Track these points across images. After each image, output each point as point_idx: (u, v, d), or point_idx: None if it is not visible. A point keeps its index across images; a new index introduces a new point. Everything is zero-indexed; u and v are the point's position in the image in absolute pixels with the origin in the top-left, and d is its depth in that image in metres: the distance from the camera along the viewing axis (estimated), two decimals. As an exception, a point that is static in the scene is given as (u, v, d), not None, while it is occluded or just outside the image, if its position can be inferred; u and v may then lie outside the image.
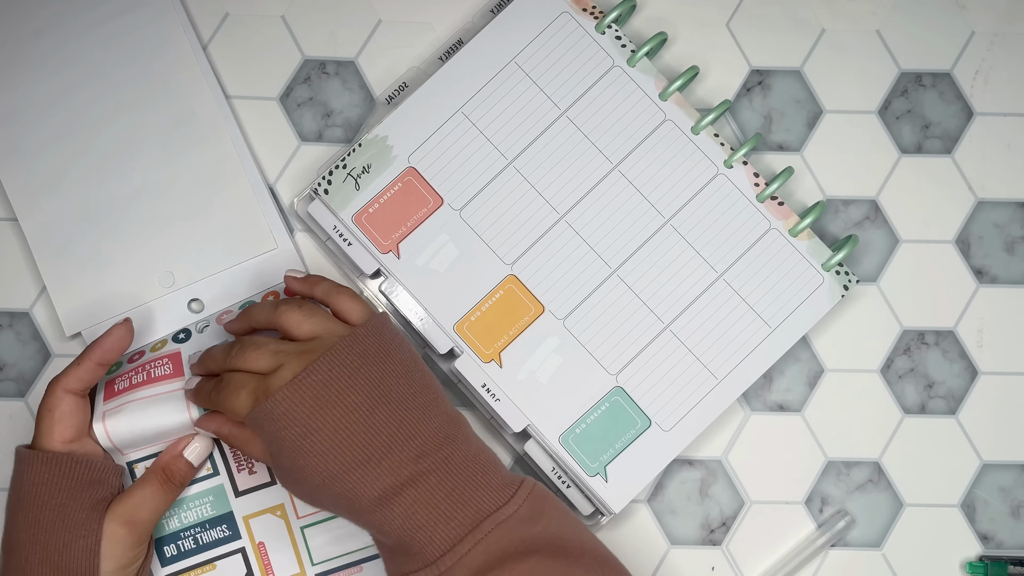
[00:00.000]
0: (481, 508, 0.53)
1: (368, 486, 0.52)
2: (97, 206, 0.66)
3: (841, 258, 0.64)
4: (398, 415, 0.53)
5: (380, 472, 0.52)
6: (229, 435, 0.58)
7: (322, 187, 0.65)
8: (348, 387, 0.53)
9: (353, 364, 0.54)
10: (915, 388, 0.67)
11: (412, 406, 0.54)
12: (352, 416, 0.53)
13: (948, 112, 0.69)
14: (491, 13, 0.68)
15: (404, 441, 0.53)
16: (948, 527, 0.66)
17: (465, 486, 0.53)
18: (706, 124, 0.65)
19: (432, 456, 0.53)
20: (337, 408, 0.53)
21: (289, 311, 0.56)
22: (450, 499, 0.52)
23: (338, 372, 0.53)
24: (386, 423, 0.53)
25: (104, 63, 0.67)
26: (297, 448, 0.53)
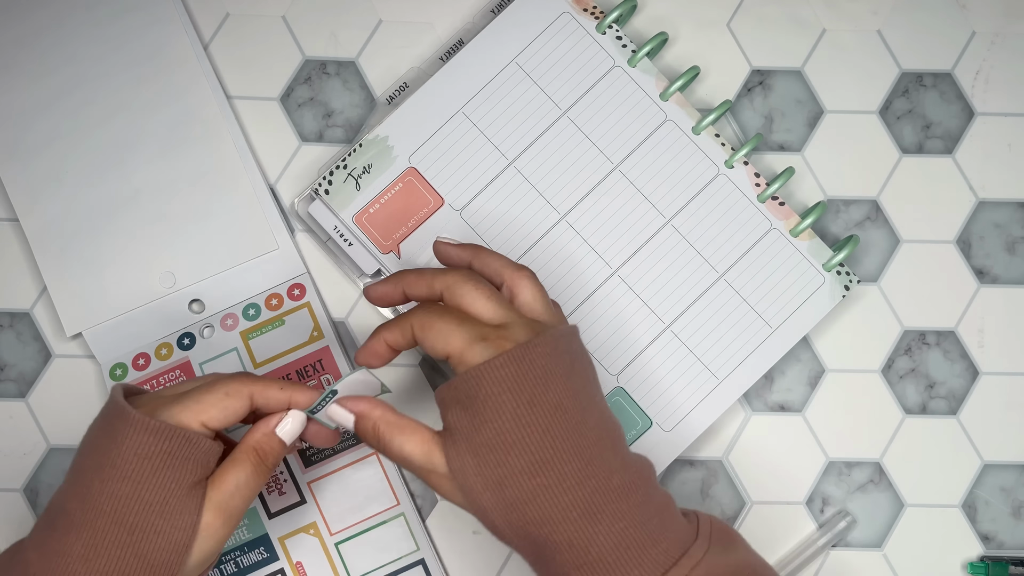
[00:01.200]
0: (684, 536, 0.47)
1: (578, 483, 0.46)
2: (98, 206, 0.66)
3: (842, 258, 0.64)
4: (605, 423, 0.48)
5: (592, 470, 0.46)
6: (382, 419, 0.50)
7: (323, 187, 0.65)
8: (568, 373, 0.48)
9: (572, 352, 0.49)
10: (916, 388, 0.67)
11: (612, 420, 0.49)
12: (572, 402, 0.47)
13: (949, 112, 0.69)
14: (492, 13, 0.68)
15: (612, 448, 0.48)
16: (949, 527, 0.66)
17: (666, 511, 0.48)
18: (707, 124, 0.65)
19: (636, 473, 0.48)
20: (560, 388, 0.47)
21: (468, 285, 0.50)
22: (656, 521, 0.47)
23: (563, 353, 0.48)
24: (597, 424, 0.48)
25: (105, 63, 0.67)
26: (515, 418, 0.46)
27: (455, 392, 0.48)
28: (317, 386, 0.55)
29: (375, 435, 0.50)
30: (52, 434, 0.66)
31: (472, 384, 0.47)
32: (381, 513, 0.65)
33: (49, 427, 0.66)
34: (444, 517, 0.66)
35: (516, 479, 0.46)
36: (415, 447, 0.49)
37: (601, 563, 0.46)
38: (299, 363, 0.65)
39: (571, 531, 0.46)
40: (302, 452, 0.65)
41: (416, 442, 0.49)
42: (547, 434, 0.46)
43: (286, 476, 0.64)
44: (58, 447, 0.66)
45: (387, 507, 0.65)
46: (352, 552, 0.64)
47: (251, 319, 0.65)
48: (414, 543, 0.65)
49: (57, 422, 0.66)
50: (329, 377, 0.65)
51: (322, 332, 0.65)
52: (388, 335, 0.51)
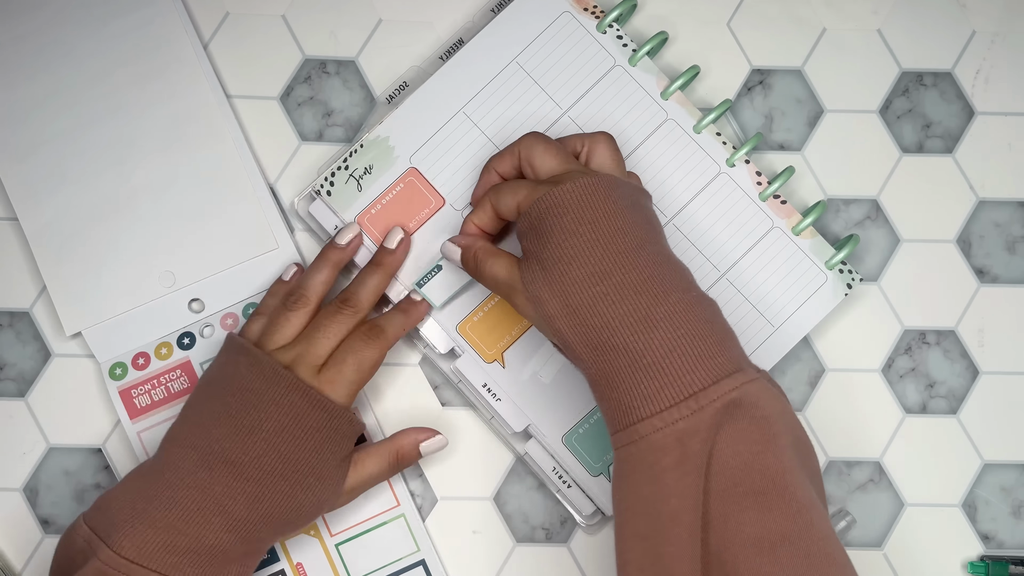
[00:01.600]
0: (737, 361, 0.50)
1: (637, 294, 0.50)
2: (98, 206, 0.66)
3: (844, 256, 0.64)
4: (667, 253, 0.53)
5: (651, 286, 0.51)
6: (482, 248, 0.58)
7: (324, 188, 0.65)
8: (630, 208, 0.53)
9: (634, 196, 0.54)
10: (916, 388, 0.67)
11: (676, 258, 0.54)
12: (632, 228, 0.52)
13: (949, 112, 0.69)
14: (492, 12, 0.68)
15: (674, 273, 0.52)
16: (949, 527, 0.66)
17: (725, 336, 0.51)
18: (708, 123, 0.65)
19: (699, 296, 0.52)
20: (620, 217, 0.52)
21: (539, 146, 0.57)
22: (713, 339, 0.50)
23: (624, 192, 0.54)
24: (658, 252, 0.53)
25: (105, 62, 0.67)
26: (575, 234, 0.52)
27: (528, 220, 0.54)
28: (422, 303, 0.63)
29: (475, 261, 0.58)
30: (51, 433, 0.66)
31: (540, 208, 0.53)
32: (381, 514, 0.65)
33: (48, 426, 0.66)
34: (444, 517, 0.66)
35: (578, 287, 0.51)
36: (502, 268, 0.56)
37: (655, 367, 0.49)
38: (299, 363, 0.65)
39: (627, 336, 0.50)
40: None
41: (503, 264, 0.56)
42: (607, 249, 0.51)
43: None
44: (57, 446, 0.66)
45: (387, 508, 0.65)
46: (352, 553, 0.64)
47: (251, 319, 0.65)
48: (414, 543, 0.65)
49: (56, 421, 0.66)
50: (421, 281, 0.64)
51: None
52: (474, 217, 0.59)
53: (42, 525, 0.65)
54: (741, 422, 0.48)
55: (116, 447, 0.66)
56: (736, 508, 0.47)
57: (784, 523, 0.46)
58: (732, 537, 0.46)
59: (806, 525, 0.47)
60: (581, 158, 0.58)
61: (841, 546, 0.48)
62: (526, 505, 0.66)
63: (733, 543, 0.46)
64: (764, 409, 0.48)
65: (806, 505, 0.47)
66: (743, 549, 0.46)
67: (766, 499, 0.47)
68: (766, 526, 0.46)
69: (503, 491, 0.66)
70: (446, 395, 0.67)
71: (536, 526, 0.66)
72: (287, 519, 0.57)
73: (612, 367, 0.50)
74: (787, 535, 0.46)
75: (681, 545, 0.47)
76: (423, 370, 0.67)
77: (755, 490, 0.47)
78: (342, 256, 0.63)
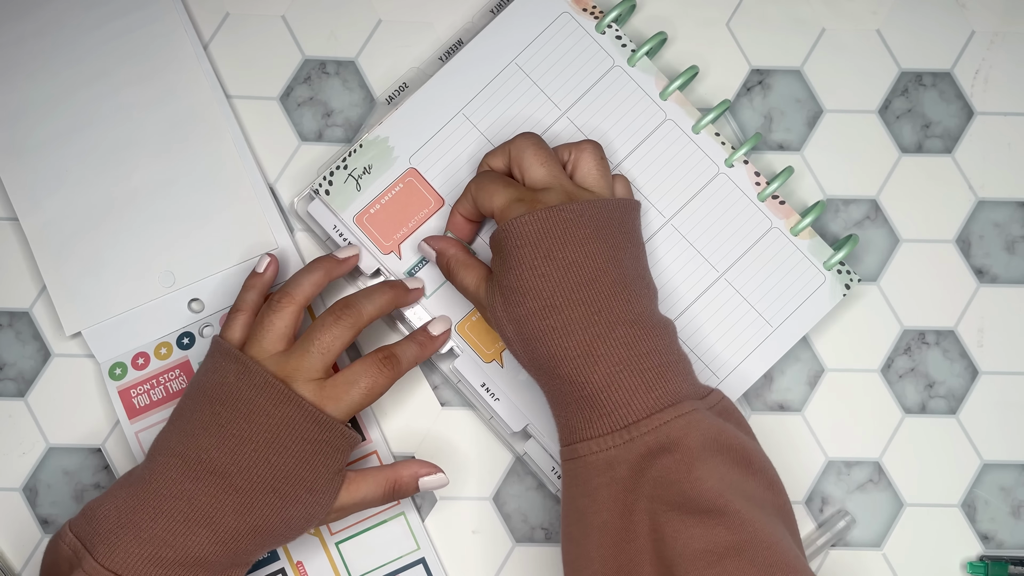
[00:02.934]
0: (681, 391, 0.53)
1: (582, 328, 0.54)
2: (98, 206, 0.66)
3: (842, 256, 0.64)
4: (623, 281, 0.55)
5: (597, 320, 0.54)
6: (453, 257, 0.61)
7: (323, 188, 0.65)
8: (591, 237, 0.55)
9: (600, 221, 0.56)
10: (915, 388, 0.67)
11: (636, 283, 0.56)
12: (587, 261, 0.55)
13: (948, 111, 0.69)
14: (491, 13, 0.68)
15: (624, 304, 0.54)
16: (949, 527, 0.66)
17: (669, 367, 0.54)
18: (706, 123, 0.65)
19: (646, 329, 0.54)
20: (578, 248, 0.55)
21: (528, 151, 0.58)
22: (654, 372, 0.53)
23: (588, 220, 0.55)
24: (613, 283, 0.55)
25: (105, 63, 0.67)
26: (533, 268, 0.54)
27: (496, 241, 0.57)
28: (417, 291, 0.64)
29: (447, 268, 0.61)
30: (51, 433, 0.66)
31: (503, 235, 0.56)
32: (381, 512, 0.65)
33: (48, 426, 0.66)
34: (444, 517, 0.66)
35: (529, 319, 0.55)
36: (471, 281, 0.59)
37: (594, 398, 0.53)
38: (299, 363, 0.65)
39: (572, 368, 0.54)
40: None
41: (472, 277, 0.59)
42: (558, 285, 0.54)
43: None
44: (57, 446, 0.66)
45: (387, 506, 0.65)
46: (352, 551, 0.64)
47: (251, 319, 0.65)
48: (414, 542, 0.65)
49: (56, 421, 0.66)
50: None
51: None
52: (459, 207, 0.62)
53: (41, 525, 0.65)
54: (670, 455, 0.51)
55: (115, 447, 0.66)
56: (683, 526, 0.50)
57: (727, 536, 0.50)
58: (682, 551, 0.50)
59: (750, 536, 0.50)
60: (568, 168, 0.59)
61: (794, 552, 0.51)
62: (525, 505, 0.66)
63: (683, 557, 0.49)
64: (690, 440, 0.52)
65: (748, 519, 0.50)
66: (693, 562, 0.49)
67: (708, 517, 0.50)
68: (712, 540, 0.50)
69: (502, 491, 0.66)
70: (445, 395, 0.67)
71: (535, 526, 0.66)
72: (275, 532, 0.56)
73: (559, 392, 0.55)
74: (732, 547, 0.49)
75: (606, 551, 0.52)
76: (422, 370, 0.67)
77: (697, 510, 0.50)
78: (336, 268, 0.62)
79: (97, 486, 0.66)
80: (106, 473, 0.66)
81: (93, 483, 0.66)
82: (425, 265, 0.64)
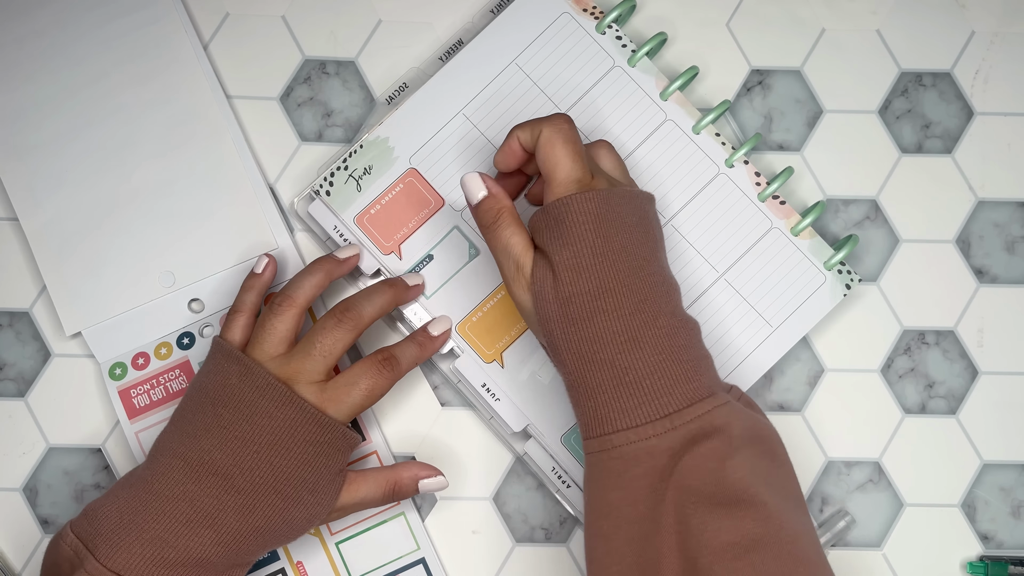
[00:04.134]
0: (713, 384, 0.54)
1: (630, 314, 0.53)
2: (98, 206, 0.66)
3: (842, 257, 0.64)
4: (662, 274, 0.55)
5: (644, 308, 0.53)
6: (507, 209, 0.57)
7: (324, 188, 0.65)
8: (637, 225, 0.55)
9: (643, 212, 0.56)
10: (915, 388, 0.67)
11: (669, 277, 0.56)
12: (636, 249, 0.54)
13: (948, 112, 0.69)
14: (491, 13, 0.68)
15: (665, 295, 0.55)
16: (948, 527, 0.66)
17: (704, 360, 0.54)
18: (707, 123, 0.65)
19: (683, 322, 0.55)
20: (628, 234, 0.54)
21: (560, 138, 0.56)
22: (692, 364, 0.53)
23: (635, 209, 0.55)
24: (654, 273, 0.55)
25: (105, 63, 0.67)
26: (591, 247, 0.53)
27: (546, 217, 0.55)
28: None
29: (495, 219, 0.57)
30: (51, 433, 0.66)
31: (562, 211, 0.54)
32: (381, 512, 0.65)
33: (48, 426, 0.66)
34: (444, 517, 0.66)
35: (581, 298, 0.53)
36: (517, 243, 0.56)
37: (636, 385, 0.52)
38: (299, 363, 0.65)
39: (615, 352, 0.53)
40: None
41: (519, 241, 0.56)
42: (614, 266, 0.53)
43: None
44: (57, 446, 0.66)
45: (387, 507, 0.65)
46: (353, 551, 0.64)
47: (251, 319, 0.65)
48: (414, 542, 0.65)
49: (56, 421, 0.66)
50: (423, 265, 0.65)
51: None
52: (521, 133, 0.58)
53: (42, 525, 0.65)
54: (712, 441, 0.51)
55: (115, 447, 0.66)
56: (712, 517, 0.50)
57: (755, 529, 0.49)
58: (708, 544, 0.49)
59: (776, 529, 0.50)
60: None
61: (816, 546, 0.51)
62: (525, 505, 0.66)
63: (709, 549, 0.49)
64: (732, 429, 0.52)
65: (775, 512, 0.50)
66: (718, 555, 0.49)
67: (737, 509, 0.50)
68: (739, 532, 0.49)
69: (502, 491, 0.66)
70: (445, 395, 0.67)
71: (535, 526, 0.66)
72: (277, 532, 0.57)
73: (595, 378, 0.53)
74: (758, 540, 0.49)
75: (636, 545, 0.51)
76: (422, 370, 0.67)
77: (727, 501, 0.50)
78: (336, 269, 0.62)
79: (97, 486, 0.66)
80: (106, 473, 0.66)
81: (93, 483, 0.66)
82: (426, 265, 0.64)
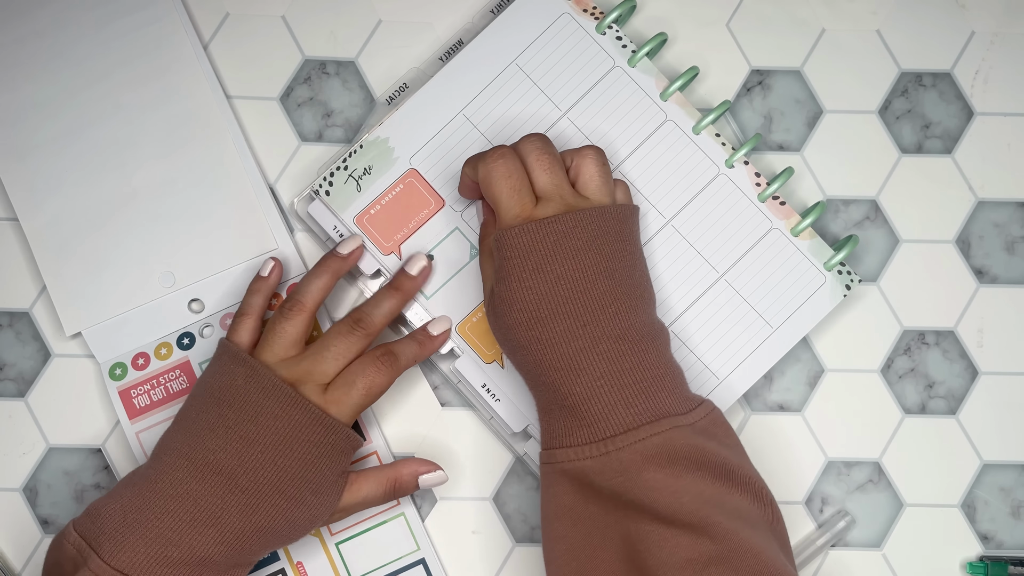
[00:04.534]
0: (662, 407, 0.54)
1: (566, 342, 0.55)
2: (98, 206, 0.66)
3: (842, 257, 0.64)
4: (614, 293, 0.56)
5: (582, 333, 0.55)
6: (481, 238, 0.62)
7: (323, 188, 0.65)
8: (584, 248, 0.56)
9: (595, 232, 0.56)
10: (915, 388, 0.67)
11: (628, 294, 0.56)
12: (578, 274, 0.55)
13: (948, 112, 0.69)
14: (491, 14, 0.68)
15: (612, 318, 0.55)
16: (948, 527, 0.66)
17: (652, 383, 0.55)
18: (707, 124, 0.65)
19: (632, 344, 0.55)
20: (568, 261, 0.55)
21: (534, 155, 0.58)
22: (636, 388, 0.54)
23: (581, 232, 0.56)
24: (602, 295, 0.55)
25: (105, 63, 0.67)
26: (520, 281, 0.55)
27: (493, 246, 0.57)
28: None
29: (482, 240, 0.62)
30: (51, 434, 0.66)
31: (497, 245, 0.57)
32: (381, 513, 0.65)
33: (48, 427, 0.66)
34: (444, 517, 0.66)
35: (516, 329, 0.56)
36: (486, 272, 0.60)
37: (574, 409, 0.54)
38: (299, 363, 0.65)
39: (556, 378, 0.55)
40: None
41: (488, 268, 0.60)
42: (544, 298, 0.55)
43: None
44: (57, 447, 0.66)
45: (387, 507, 0.65)
46: (353, 552, 0.64)
47: (251, 319, 0.65)
48: (414, 543, 0.65)
49: (56, 422, 0.66)
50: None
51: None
52: (467, 169, 0.60)
53: (42, 525, 0.65)
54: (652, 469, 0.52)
55: (116, 447, 0.66)
56: (668, 534, 0.51)
57: (712, 547, 0.51)
58: (666, 560, 0.51)
59: (735, 546, 0.51)
60: (571, 174, 0.59)
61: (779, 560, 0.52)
62: (525, 505, 0.66)
63: (667, 566, 0.51)
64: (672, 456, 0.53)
65: (730, 530, 0.51)
66: (677, 571, 0.51)
67: (692, 530, 0.51)
68: (696, 550, 0.51)
69: (502, 491, 0.66)
70: (445, 395, 0.67)
71: (535, 526, 0.66)
72: (280, 532, 0.57)
73: (542, 398, 0.57)
74: (716, 556, 0.51)
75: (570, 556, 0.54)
76: (422, 370, 0.67)
77: (681, 523, 0.51)
78: (342, 266, 0.62)
79: (97, 486, 0.66)
80: (106, 473, 0.66)
81: (93, 483, 0.66)
82: None
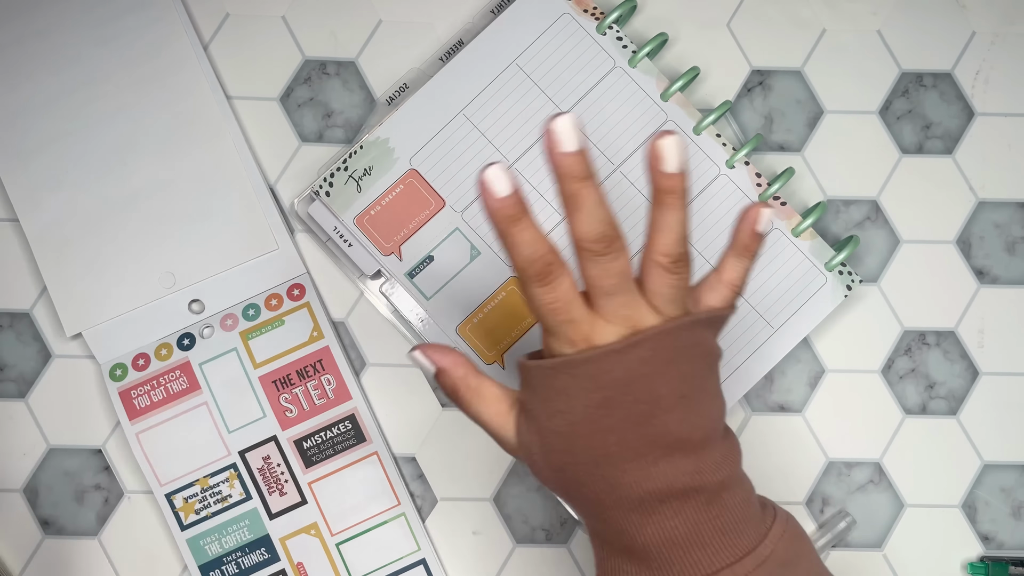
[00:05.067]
0: (741, 542, 0.47)
1: (636, 482, 0.46)
2: (98, 206, 0.66)
3: (843, 258, 0.64)
4: (691, 420, 0.47)
5: (655, 472, 0.46)
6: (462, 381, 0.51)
7: (323, 189, 0.65)
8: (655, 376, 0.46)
9: (669, 356, 0.47)
10: (916, 388, 0.67)
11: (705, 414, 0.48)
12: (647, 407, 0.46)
13: (949, 112, 0.69)
14: (492, 14, 0.68)
15: (689, 450, 0.47)
16: (949, 528, 0.66)
17: (729, 515, 0.48)
18: (707, 124, 0.65)
19: (709, 475, 0.47)
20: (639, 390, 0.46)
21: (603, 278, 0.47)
22: (712, 525, 0.47)
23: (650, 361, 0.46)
24: (679, 424, 0.47)
25: (105, 63, 0.67)
26: (587, 416, 0.46)
27: (533, 374, 0.48)
28: None
29: (454, 394, 0.51)
30: (51, 434, 0.66)
31: (549, 375, 0.47)
32: (382, 513, 0.65)
33: (48, 427, 0.66)
34: (444, 518, 0.66)
35: (576, 467, 0.47)
36: (491, 417, 0.50)
37: (645, 553, 0.47)
38: (299, 363, 0.65)
39: (622, 520, 0.47)
40: (303, 452, 0.64)
41: (492, 413, 0.50)
42: (613, 433, 0.46)
43: (287, 477, 0.64)
44: (57, 447, 0.66)
45: (387, 507, 0.65)
46: (353, 552, 0.64)
47: (251, 319, 0.65)
48: (415, 543, 0.65)
49: (57, 422, 0.66)
50: None
51: (322, 332, 0.65)
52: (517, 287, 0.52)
53: (42, 526, 0.65)
54: None
55: (116, 448, 0.66)
56: None
57: None
58: None
59: None
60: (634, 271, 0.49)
61: None
62: (526, 506, 0.66)
63: None
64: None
65: None
66: None
67: None
68: None
69: (503, 492, 0.66)
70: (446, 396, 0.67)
71: (536, 527, 0.66)
72: None
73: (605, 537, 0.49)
74: None
75: None
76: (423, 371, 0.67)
77: None
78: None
79: (98, 487, 0.66)
80: (107, 474, 0.66)
81: (94, 484, 0.66)
82: (427, 267, 0.64)
